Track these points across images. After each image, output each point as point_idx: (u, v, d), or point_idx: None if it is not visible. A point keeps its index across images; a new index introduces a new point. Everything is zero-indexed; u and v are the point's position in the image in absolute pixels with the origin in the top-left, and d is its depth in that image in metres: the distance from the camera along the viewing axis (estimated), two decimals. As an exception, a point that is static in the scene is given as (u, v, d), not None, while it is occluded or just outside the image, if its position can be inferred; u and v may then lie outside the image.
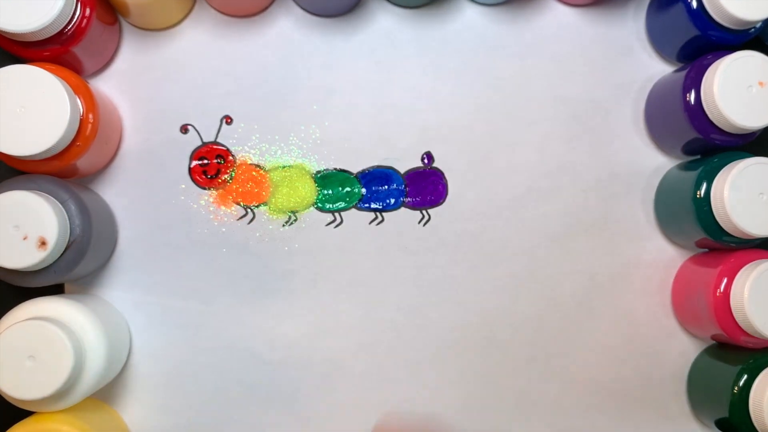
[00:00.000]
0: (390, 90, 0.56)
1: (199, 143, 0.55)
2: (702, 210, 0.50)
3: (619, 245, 0.56)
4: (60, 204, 0.46)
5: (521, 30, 0.56)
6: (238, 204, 0.55)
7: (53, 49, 0.47)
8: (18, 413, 0.47)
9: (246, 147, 0.55)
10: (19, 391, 0.44)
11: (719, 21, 0.49)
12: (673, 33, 0.53)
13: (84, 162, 0.49)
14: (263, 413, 0.54)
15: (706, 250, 0.55)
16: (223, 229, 0.55)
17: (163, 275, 0.54)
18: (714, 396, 0.51)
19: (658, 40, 0.56)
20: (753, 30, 0.51)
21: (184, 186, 0.54)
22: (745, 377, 0.49)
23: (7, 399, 0.45)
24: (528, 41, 0.56)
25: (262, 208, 0.55)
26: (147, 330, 0.54)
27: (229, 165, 0.55)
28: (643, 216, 0.57)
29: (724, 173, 0.49)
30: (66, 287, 0.54)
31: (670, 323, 0.56)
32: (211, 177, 0.55)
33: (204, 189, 0.55)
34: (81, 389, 0.46)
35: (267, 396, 0.54)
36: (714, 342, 0.55)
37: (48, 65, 0.46)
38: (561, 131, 0.56)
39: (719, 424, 0.52)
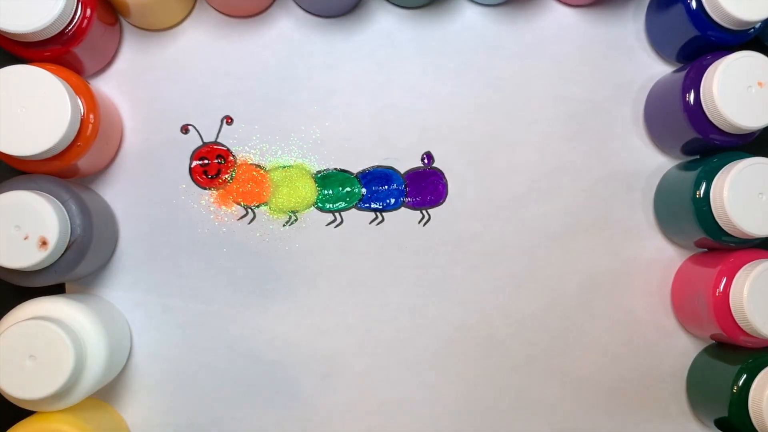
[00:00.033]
0: (390, 90, 0.56)
1: (200, 143, 0.55)
2: (701, 210, 0.50)
3: (619, 245, 0.56)
4: (61, 204, 0.46)
5: (521, 30, 0.56)
6: (238, 204, 0.55)
7: (54, 50, 0.47)
8: (19, 413, 0.47)
9: (246, 147, 0.55)
10: (20, 391, 0.44)
11: (718, 21, 0.49)
12: (673, 33, 0.54)
13: (85, 162, 0.49)
14: (263, 413, 0.54)
15: (705, 249, 0.55)
16: (224, 229, 0.55)
17: (164, 275, 0.54)
18: (713, 395, 0.52)
19: (657, 40, 0.56)
20: (752, 30, 0.51)
21: (184, 186, 0.54)
22: (745, 377, 0.49)
23: (8, 398, 0.44)
24: (528, 41, 0.56)
25: (262, 208, 0.55)
26: (147, 330, 0.54)
27: (230, 165, 0.55)
28: (643, 216, 0.57)
29: (723, 173, 0.49)
30: (67, 287, 0.54)
31: (669, 323, 0.56)
32: (212, 177, 0.55)
33: (204, 189, 0.55)
34: (82, 389, 0.46)
35: (267, 396, 0.54)
36: (713, 341, 0.55)
37: (49, 65, 0.46)
38: (561, 131, 0.56)
39: (719, 423, 0.52)
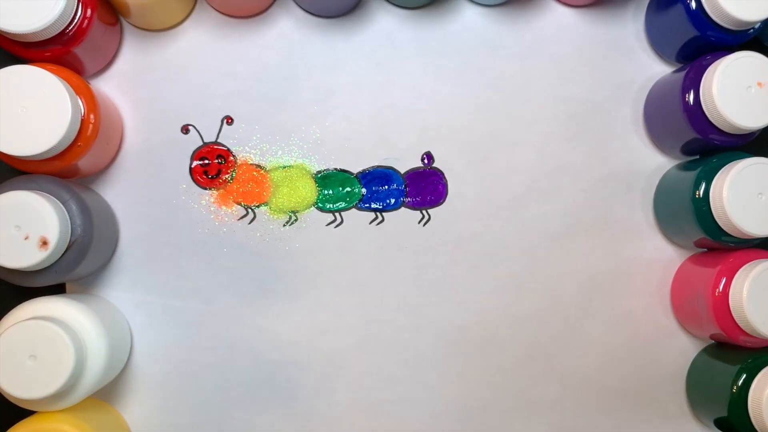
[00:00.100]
0: (390, 90, 0.56)
1: (200, 143, 0.55)
2: (701, 210, 0.50)
3: (619, 245, 0.56)
4: (61, 204, 0.46)
5: (521, 30, 0.56)
6: (238, 204, 0.55)
7: (54, 50, 0.47)
8: (19, 412, 0.47)
9: (247, 147, 0.55)
10: (21, 391, 0.44)
11: (718, 22, 0.49)
12: (673, 34, 0.54)
13: (85, 162, 0.49)
14: (263, 413, 0.54)
15: (705, 249, 0.55)
16: (224, 229, 0.55)
17: (164, 275, 0.54)
18: (713, 395, 0.52)
19: (657, 40, 0.56)
20: (752, 30, 0.51)
21: (185, 186, 0.55)
22: (744, 376, 0.49)
23: (9, 398, 0.45)
24: (528, 41, 0.56)
25: (262, 208, 0.55)
26: (148, 330, 0.54)
27: (230, 165, 0.55)
28: (643, 216, 0.57)
29: (723, 173, 0.49)
30: (67, 287, 0.54)
31: (669, 323, 0.57)
32: (212, 177, 0.55)
33: (205, 189, 0.55)
34: (82, 389, 0.46)
35: (267, 396, 0.54)
36: (713, 341, 0.55)
37: (49, 66, 0.46)
38: (561, 131, 0.56)
39: (718, 423, 0.52)
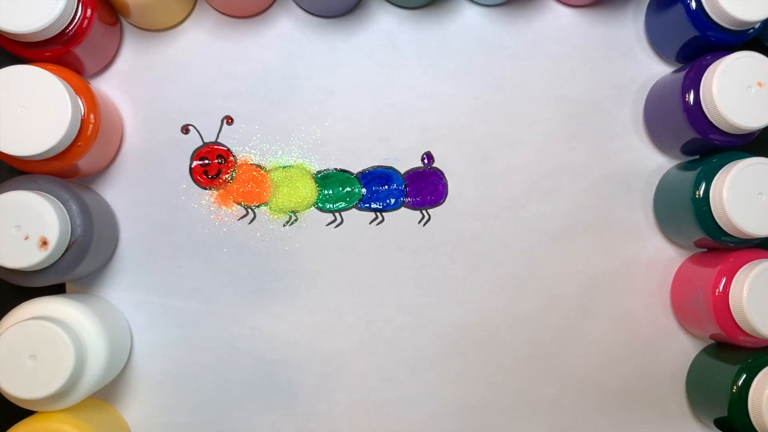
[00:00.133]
0: (390, 90, 0.56)
1: (200, 143, 0.55)
2: (701, 210, 0.50)
3: (619, 245, 0.56)
4: (61, 204, 0.46)
5: (521, 30, 0.56)
6: (238, 204, 0.55)
7: (54, 50, 0.48)
8: (19, 412, 0.47)
9: (247, 147, 0.55)
10: (21, 391, 0.44)
11: (718, 22, 0.49)
12: (673, 34, 0.54)
13: (85, 162, 0.49)
14: (263, 413, 0.54)
15: (705, 249, 0.55)
16: (224, 229, 0.55)
17: (164, 275, 0.54)
18: (713, 395, 0.52)
19: (657, 40, 0.56)
20: (752, 30, 0.51)
21: (185, 186, 0.55)
22: (744, 376, 0.49)
23: (9, 398, 0.45)
24: (528, 41, 0.56)
25: (262, 208, 0.55)
26: (148, 330, 0.54)
27: (230, 165, 0.55)
28: (643, 216, 0.57)
29: (723, 173, 0.49)
30: (67, 287, 0.54)
31: (669, 323, 0.57)
32: (212, 177, 0.55)
33: (205, 189, 0.55)
34: (82, 389, 0.46)
35: (267, 396, 0.54)
36: (713, 341, 0.55)
37: (49, 66, 0.46)
38: (561, 131, 0.56)
39: (718, 423, 0.52)
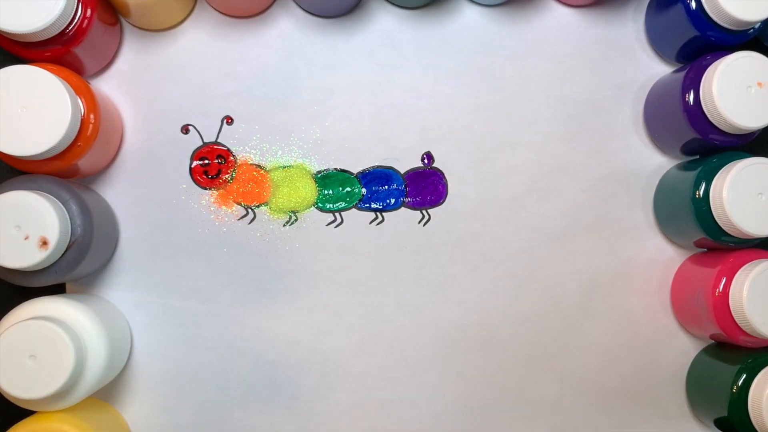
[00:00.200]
0: (390, 90, 0.56)
1: (200, 143, 0.55)
2: (701, 210, 0.50)
3: (619, 245, 0.56)
4: (61, 204, 0.46)
5: (521, 30, 0.56)
6: (238, 204, 0.55)
7: (54, 50, 0.47)
8: (19, 412, 0.47)
9: (247, 147, 0.55)
10: (21, 391, 0.44)
11: (718, 22, 0.49)
12: (673, 34, 0.54)
13: (85, 162, 0.49)
14: (263, 413, 0.54)
15: (705, 249, 0.55)
16: (224, 229, 0.55)
17: (164, 275, 0.54)
18: (713, 395, 0.52)
19: (657, 40, 0.56)
20: (752, 30, 0.51)
21: (185, 186, 0.55)
22: (744, 376, 0.49)
23: (9, 398, 0.45)
24: (528, 41, 0.56)
25: (262, 208, 0.55)
26: (148, 330, 0.54)
27: (230, 165, 0.55)
28: (643, 216, 0.57)
29: (723, 173, 0.49)
30: (67, 287, 0.54)
31: (669, 323, 0.57)
32: (212, 177, 0.55)
33: (205, 189, 0.55)
34: (82, 389, 0.46)
35: (267, 396, 0.55)
36: (713, 341, 0.55)
37: (49, 66, 0.46)
38: (561, 131, 0.56)
39: (718, 423, 0.52)
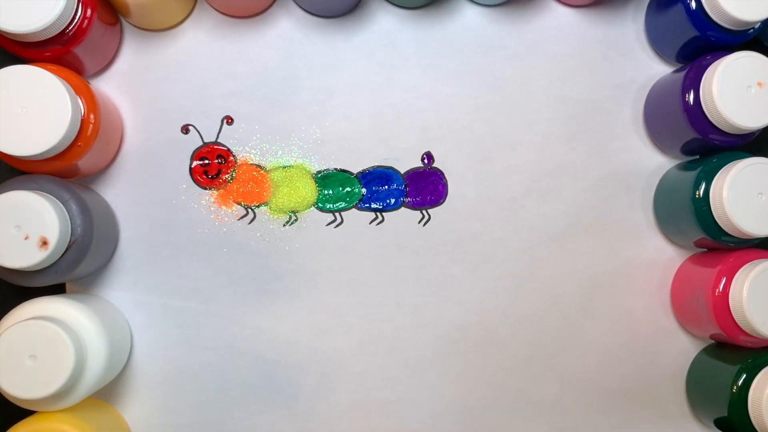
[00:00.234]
0: (390, 90, 0.56)
1: (200, 143, 0.55)
2: (701, 210, 0.50)
3: (619, 245, 0.56)
4: (61, 204, 0.46)
5: (521, 30, 0.56)
6: (238, 204, 0.55)
7: (54, 50, 0.47)
8: (19, 412, 0.47)
9: (247, 147, 0.55)
10: (21, 391, 0.44)
11: (718, 22, 0.49)
12: (673, 34, 0.54)
13: (85, 162, 0.49)
14: (263, 413, 0.54)
15: (705, 249, 0.55)
16: (224, 229, 0.55)
17: (164, 275, 0.54)
18: (713, 395, 0.52)
19: (657, 40, 0.56)
20: (752, 30, 0.51)
21: (185, 186, 0.55)
22: (744, 376, 0.49)
23: (8, 398, 0.45)
24: (528, 41, 0.56)
25: (262, 208, 0.55)
26: (148, 330, 0.54)
27: (230, 165, 0.55)
28: (643, 216, 0.57)
29: (723, 173, 0.49)
30: (67, 287, 0.54)
31: (669, 323, 0.57)
32: (212, 177, 0.55)
33: (205, 189, 0.55)
34: (82, 389, 0.46)
35: (267, 396, 0.55)
36: (713, 341, 0.55)
37: (49, 66, 0.46)
38: (561, 131, 0.56)
39: (718, 423, 0.52)
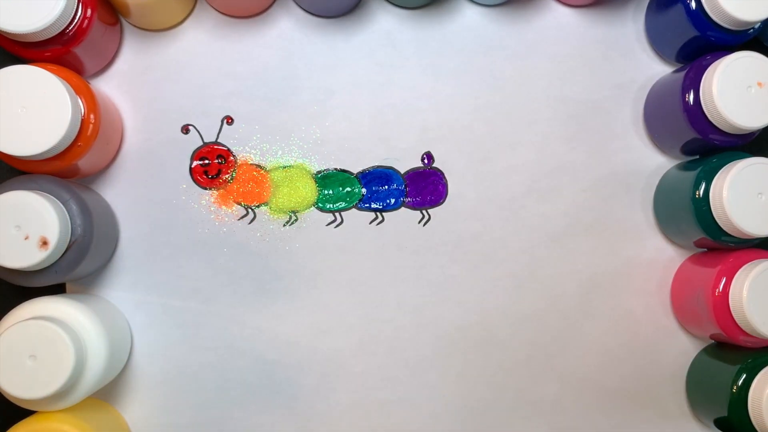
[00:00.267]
0: (390, 90, 0.56)
1: (200, 143, 0.55)
2: (701, 210, 0.50)
3: (619, 245, 0.56)
4: (61, 204, 0.46)
5: (521, 30, 0.56)
6: (238, 204, 0.55)
7: (54, 50, 0.48)
8: (19, 412, 0.47)
9: (247, 147, 0.55)
10: (21, 391, 0.44)
11: (718, 22, 0.49)
12: (673, 34, 0.54)
13: (85, 162, 0.49)
14: (263, 413, 0.54)
15: (705, 249, 0.55)
16: (224, 229, 0.55)
17: (164, 275, 0.54)
18: (713, 395, 0.52)
19: (657, 40, 0.56)
20: (752, 30, 0.51)
21: (185, 186, 0.55)
22: (744, 376, 0.49)
23: (9, 398, 0.45)
24: (528, 41, 0.56)
25: (262, 208, 0.55)
26: (148, 330, 0.54)
27: (230, 165, 0.55)
28: (643, 216, 0.57)
29: (722, 173, 0.49)
30: (67, 287, 0.54)
31: (669, 323, 0.57)
32: (212, 177, 0.55)
33: (205, 189, 0.55)
34: (82, 389, 0.46)
35: (267, 396, 0.55)
36: (713, 341, 0.55)
37: (49, 66, 0.46)
38: (561, 131, 0.56)
39: (718, 423, 0.52)
